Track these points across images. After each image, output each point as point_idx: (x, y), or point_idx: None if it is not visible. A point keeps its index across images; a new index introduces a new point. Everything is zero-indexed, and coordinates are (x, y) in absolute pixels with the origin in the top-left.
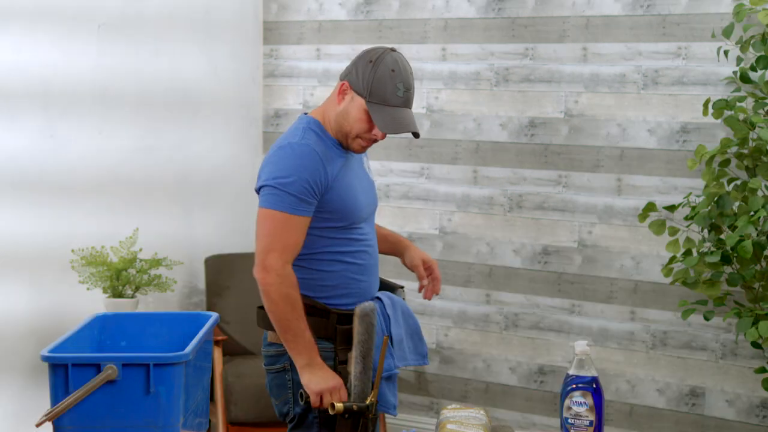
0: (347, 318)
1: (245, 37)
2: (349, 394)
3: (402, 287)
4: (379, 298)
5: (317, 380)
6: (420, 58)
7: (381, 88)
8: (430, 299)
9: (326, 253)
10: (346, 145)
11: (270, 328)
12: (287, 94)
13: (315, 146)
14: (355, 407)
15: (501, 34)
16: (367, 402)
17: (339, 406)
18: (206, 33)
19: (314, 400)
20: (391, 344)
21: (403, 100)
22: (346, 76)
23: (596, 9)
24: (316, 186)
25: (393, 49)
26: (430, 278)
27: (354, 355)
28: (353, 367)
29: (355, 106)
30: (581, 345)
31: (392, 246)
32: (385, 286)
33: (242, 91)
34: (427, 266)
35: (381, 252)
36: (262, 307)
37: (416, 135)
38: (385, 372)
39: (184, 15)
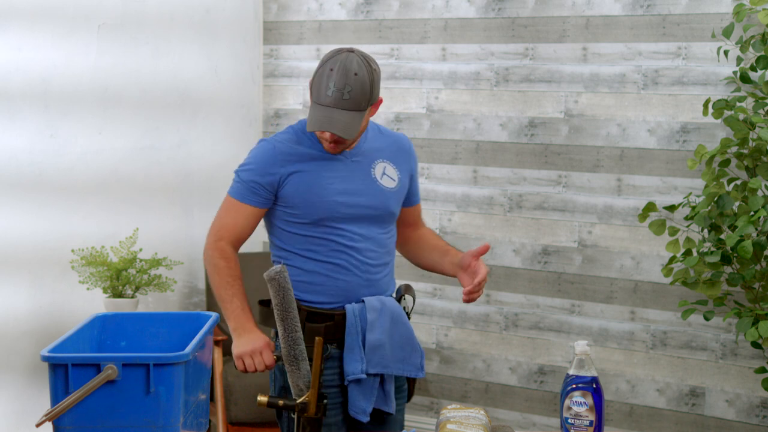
0: (319, 316)
1: (245, 37)
2: (279, 358)
3: (410, 290)
4: (363, 301)
5: (238, 343)
6: (420, 58)
7: (317, 86)
8: (465, 301)
9: (300, 249)
10: (322, 145)
11: (264, 323)
12: (287, 94)
13: (279, 143)
14: (280, 403)
15: (501, 34)
16: (299, 400)
17: (262, 399)
18: (206, 33)
19: (237, 365)
20: (339, 348)
21: (331, 100)
22: None
23: (596, 9)
24: (262, 178)
25: (351, 50)
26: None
27: (275, 317)
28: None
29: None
30: (581, 345)
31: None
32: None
33: (242, 91)
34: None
35: (429, 267)
36: (261, 302)
37: (344, 137)
38: (351, 376)
39: (184, 15)
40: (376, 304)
